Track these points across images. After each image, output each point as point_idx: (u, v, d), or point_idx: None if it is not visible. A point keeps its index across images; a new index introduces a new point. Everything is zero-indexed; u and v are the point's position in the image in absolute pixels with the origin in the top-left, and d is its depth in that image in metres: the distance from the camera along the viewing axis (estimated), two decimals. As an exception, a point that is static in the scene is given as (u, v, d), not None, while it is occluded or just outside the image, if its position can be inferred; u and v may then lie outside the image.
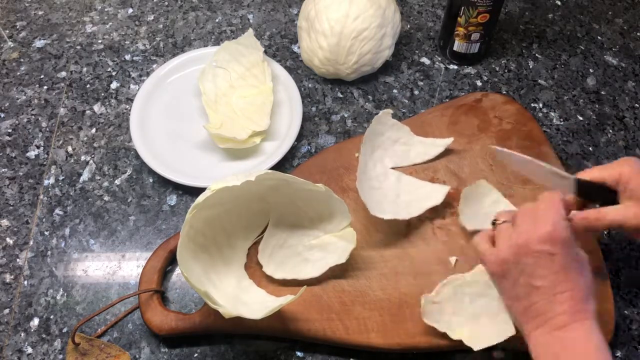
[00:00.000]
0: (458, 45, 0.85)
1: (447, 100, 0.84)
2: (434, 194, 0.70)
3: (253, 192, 0.65)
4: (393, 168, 0.74)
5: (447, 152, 0.75)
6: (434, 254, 0.67)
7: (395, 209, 0.68)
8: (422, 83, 0.86)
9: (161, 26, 0.93)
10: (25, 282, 0.69)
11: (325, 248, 0.67)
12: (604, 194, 0.58)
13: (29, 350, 0.65)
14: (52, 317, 0.67)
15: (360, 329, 0.63)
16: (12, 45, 0.91)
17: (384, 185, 0.71)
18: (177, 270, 0.70)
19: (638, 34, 0.93)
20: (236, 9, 0.95)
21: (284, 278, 0.66)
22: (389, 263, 0.67)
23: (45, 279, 0.69)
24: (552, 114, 0.83)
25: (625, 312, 0.67)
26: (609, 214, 0.57)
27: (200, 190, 0.76)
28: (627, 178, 0.56)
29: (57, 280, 0.69)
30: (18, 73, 0.88)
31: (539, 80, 0.87)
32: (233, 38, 0.88)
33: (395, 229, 0.69)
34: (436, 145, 0.75)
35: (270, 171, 0.61)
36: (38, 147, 0.80)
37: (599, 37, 0.92)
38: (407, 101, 0.84)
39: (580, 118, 0.83)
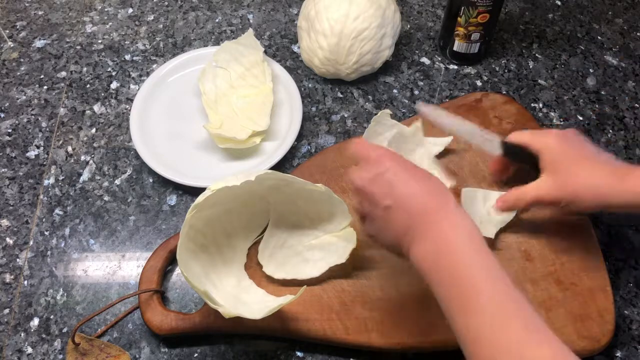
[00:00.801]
0: (458, 45, 0.85)
1: (447, 100, 0.84)
2: None
3: (253, 192, 0.65)
4: None
5: (447, 152, 0.75)
6: (434, 254, 0.67)
7: None
8: (422, 83, 0.86)
9: (161, 26, 0.93)
10: (25, 282, 0.69)
11: (325, 248, 0.67)
12: (528, 158, 0.62)
13: (29, 350, 0.65)
14: (52, 317, 0.67)
15: (360, 329, 0.63)
16: (12, 45, 0.91)
17: None
18: (177, 270, 0.70)
19: (638, 34, 0.93)
20: (236, 9, 0.95)
21: (284, 278, 0.66)
22: (389, 263, 0.67)
23: (45, 279, 0.69)
24: (552, 114, 0.83)
25: (625, 312, 0.67)
26: (527, 193, 0.61)
27: (200, 190, 0.76)
28: (546, 149, 0.60)
29: (57, 280, 0.69)
30: (18, 73, 0.88)
31: (539, 80, 0.87)
32: (233, 38, 0.88)
33: (395, 229, 0.69)
34: (435, 145, 0.75)
35: (270, 171, 0.61)
36: (38, 147, 0.80)
37: (599, 37, 0.92)
38: (407, 101, 0.84)
39: (580, 118, 0.83)
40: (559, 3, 0.97)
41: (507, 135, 0.64)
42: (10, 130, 0.82)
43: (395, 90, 0.85)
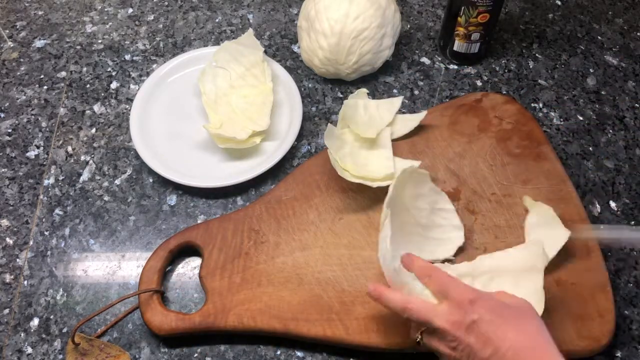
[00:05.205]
0: (458, 45, 0.85)
1: (447, 100, 0.84)
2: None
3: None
4: None
5: (447, 152, 0.75)
6: (434, 254, 0.67)
7: None
8: (422, 83, 0.86)
9: (161, 26, 0.93)
10: (25, 282, 0.69)
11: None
12: None
13: (29, 350, 0.65)
14: (52, 317, 0.67)
15: (360, 329, 0.63)
16: (12, 45, 0.91)
17: None
18: (177, 270, 0.70)
19: (638, 34, 0.93)
20: (236, 9, 0.95)
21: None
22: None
23: (45, 279, 0.69)
24: (552, 114, 0.83)
25: (625, 312, 0.67)
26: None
27: (200, 190, 0.76)
28: None
29: (57, 280, 0.69)
30: (18, 73, 0.88)
31: (539, 80, 0.87)
32: (233, 38, 0.88)
33: (396, 229, 0.69)
34: (411, 120, 0.77)
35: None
36: (38, 147, 0.80)
37: (599, 37, 0.92)
38: (407, 101, 0.84)
39: (580, 118, 0.83)
40: (559, 3, 0.97)
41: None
42: (10, 130, 0.82)
43: (395, 90, 0.85)
